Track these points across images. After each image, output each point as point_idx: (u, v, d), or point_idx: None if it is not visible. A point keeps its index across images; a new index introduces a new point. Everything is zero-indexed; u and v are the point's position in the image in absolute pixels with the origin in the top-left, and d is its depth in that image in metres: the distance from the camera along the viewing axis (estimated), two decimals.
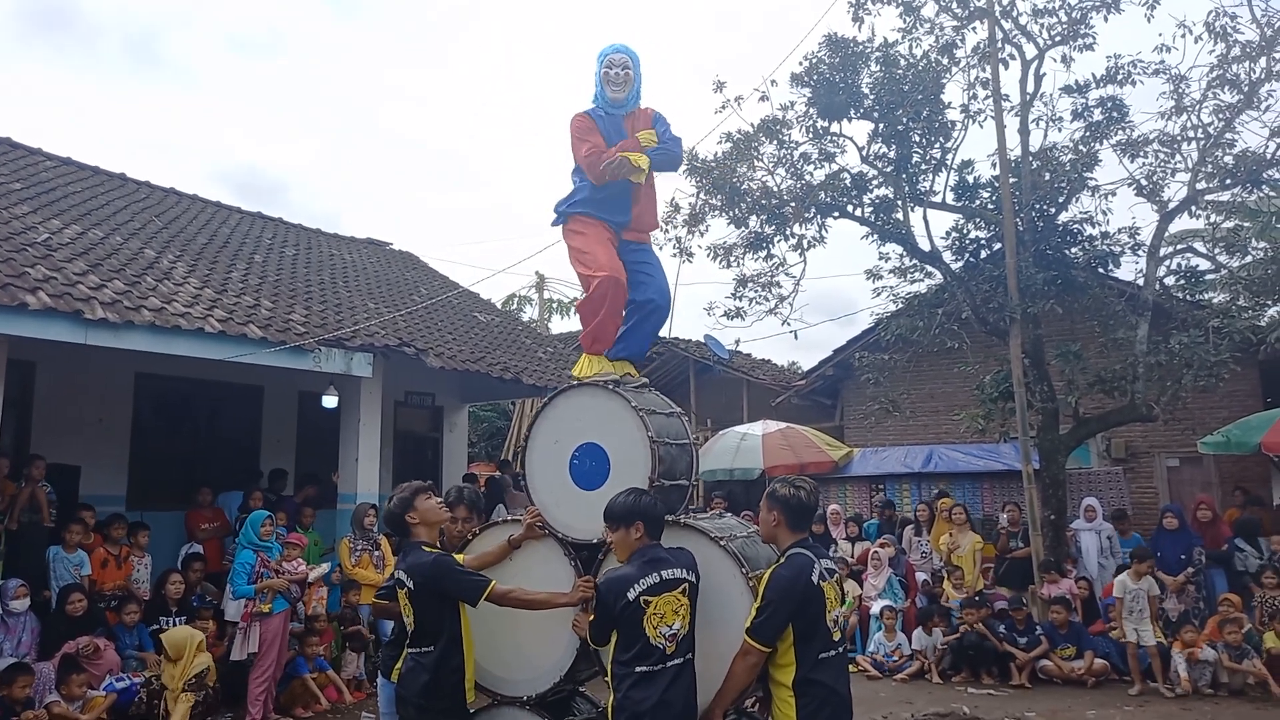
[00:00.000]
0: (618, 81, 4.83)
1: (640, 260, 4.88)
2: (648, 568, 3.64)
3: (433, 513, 4.17)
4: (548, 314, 27.39)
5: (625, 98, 4.86)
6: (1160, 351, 10.11)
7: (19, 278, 6.97)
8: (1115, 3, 10.44)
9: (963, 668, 9.26)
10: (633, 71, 4.87)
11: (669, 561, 3.70)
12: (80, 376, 9.30)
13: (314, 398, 10.16)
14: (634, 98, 4.93)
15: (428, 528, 4.14)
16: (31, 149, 11.84)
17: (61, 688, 6.57)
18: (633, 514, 3.76)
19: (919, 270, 11.97)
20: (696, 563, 3.80)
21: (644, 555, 3.71)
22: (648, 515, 3.78)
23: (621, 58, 4.86)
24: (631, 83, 4.87)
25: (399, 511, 4.14)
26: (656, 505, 3.85)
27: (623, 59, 4.86)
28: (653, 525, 3.80)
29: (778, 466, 13.11)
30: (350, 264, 14.22)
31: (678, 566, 3.70)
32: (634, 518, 3.76)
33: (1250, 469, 12.79)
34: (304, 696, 7.93)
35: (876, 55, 11.01)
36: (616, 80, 4.83)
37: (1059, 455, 10.68)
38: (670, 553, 3.77)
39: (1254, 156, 10.25)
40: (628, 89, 4.86)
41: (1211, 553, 9.87)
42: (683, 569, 3.71)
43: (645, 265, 4.89)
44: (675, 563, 3.71)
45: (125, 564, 8.12)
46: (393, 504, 4.19)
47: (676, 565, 3.70)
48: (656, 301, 4.85)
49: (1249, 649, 8.46)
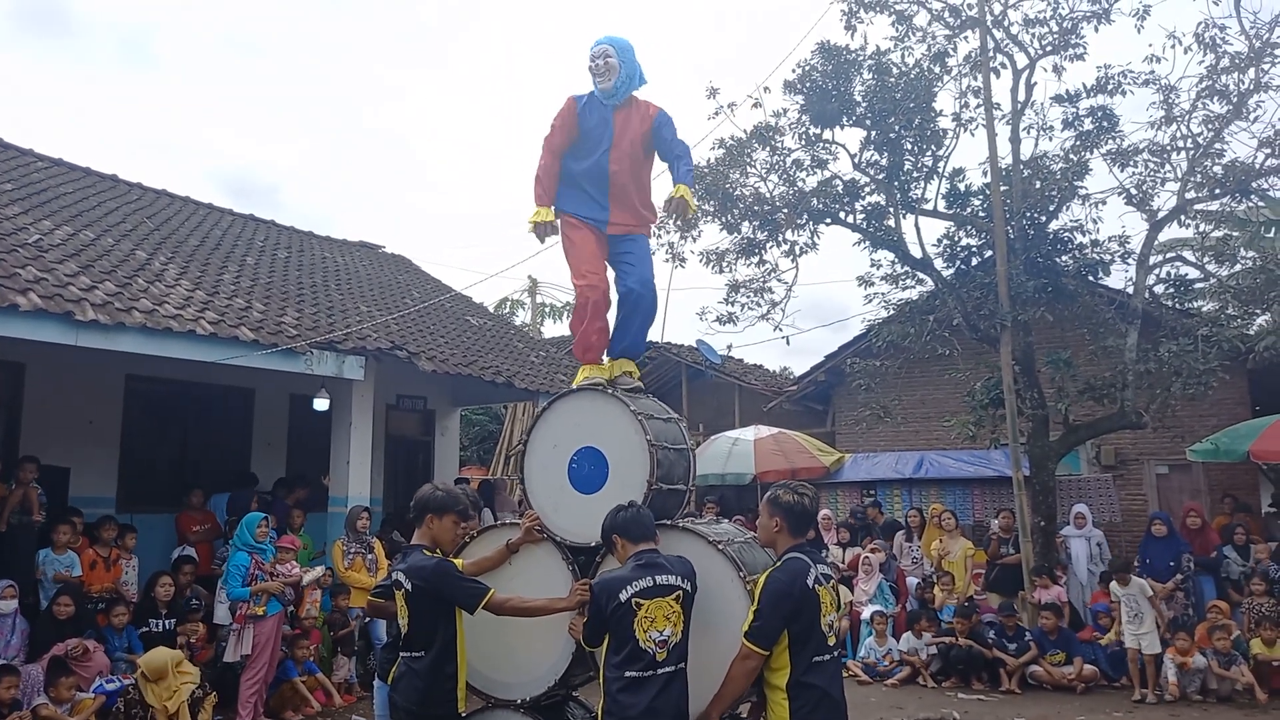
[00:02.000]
0: (599, 72, 4.79)
1: (624, 251, 4.85)
2: (642, 570, 3.66)
3: (447, 534, 4.11)
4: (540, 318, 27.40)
5: (613, 87, 4.79)
6: (1150, 359, 10.18)
7: (10, 279, 6.95)
8: (1106, 13, 10.52)
9: (953, 673, 9.29)
10: (616, 59, 4.77)
11: (665, 568, 3.71)
12: (71, 378, 9.25)
13: (305, 400, 10.14)
14: (624, 87, 4.83)
15: (432, 539, 4.10)
16: (23, 150, 11.80)
17: (50, 690, 6.53)
18: (608, 533, 3.88)
19: (910, 277, 12.03)
20: (695, 573, 3.80)
21: (640, 559, 3.73)
22: (624, 527, 3.83)
23: (602, 48, 4.80)
24: (616, 71, 4.77)
25: (432, 508, 4.08)
26: (625, 513, 3.86)
27: (603, 49, 4.79)
28: (635, 531, 3.82)
29: (769, 472, 13.12)
30: (342, 267, 14.20)
31: (674, 574, 3.71)
32: (610, 535, 3.87)
33: (1239, 477, 12.86)
34: (294, 700, 7.90)
35: (869, 63, 11.07)
36: (598, 71, 4.80)
37: (1049, 462, 10.74)
38: (669, 560, 3.78)
39: (1243, 166, 10.35)
40: (612, 78, 4.78)
41: (1200, 560, 9.93)
42: (679, 577, 3.72)
43: (628, 255, 4.85)
44: (672, 570, 3.72)
45: (115, 566, 8.06)
46: (435, 495, 4.12)
47: (673, 573, 3.71)
48: (637, 291, 4.79)
49: (1238, 655, 8.52)
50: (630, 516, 3.86)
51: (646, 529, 3.86)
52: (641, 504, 3.98)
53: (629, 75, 4.83)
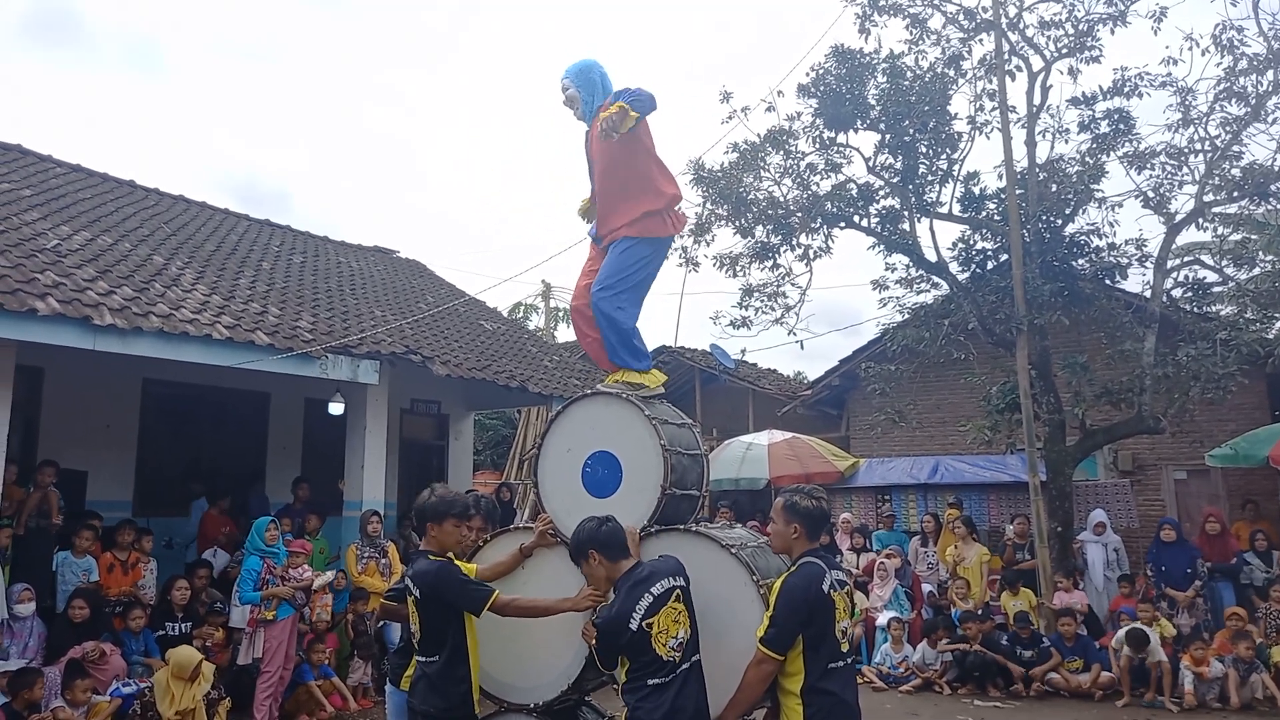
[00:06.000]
0: (569, 106, 4.82)
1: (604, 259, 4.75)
2: (636, 591, 3.62)
3: (450, 537, 4.10)
4: (553, 322, 27.41)
5: (582, 114, 4.79)
6: (1168, 363, 10.10)
7: (28, 283, 7.00)
8: (1122, 16, 10.47)
9: (969, 680, 9.22)
10: (574, 89, 4.75)
11: (654, 576, 3.68)
12: (88, 382, 9.32)
13: (320, 405, 10.18)
14: (588, 110, 4.75)
15: (438, 544, 4.10)
16: (42, 156, 11.91)
17: (66, 693, 6.56)
18: (584, 546, 3.79)
19: (925, 281, 11.98)
20: (682, 566, 3.78)
21: (628, 580, 3.69)
22: (604, 543, 3.77)
23: (563, 84, 4.80)
24: (578, 100, 4.76)
25: (429, 517, 4.08)
26: (606, 528, 3.80)
27: (563, 84, 4.79)
28: (615, 549, 3.77)
29: (783, 476, 13.07)
30: (357, 271, 14.27)
31: (663, 576, 3.68)
32: (586, 548, 3.78)
33: (1258, 482, 12.72)
34: (309, 703, 7.92)
35: (883, 67, 11.05)
36: (568, 105, 4.83)
37: (1066, 467, 10.66)
38: (654, 565, 3.75)
39: (1261, 169, 10.27)
40: (577, 108, 4.79)
41: (1220, 566, 9.83)
42: (669, 576, 3.69)
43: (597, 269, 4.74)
44: (661, 574, 3.69)
45: (133, 570, 8.10)
46: (429, 503, 4.12)
47: (662, 576, 3.68)
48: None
49: (1259, 664, 8.41)
50: (611, 531, 3.79)
51: (624, 548, 3.81)
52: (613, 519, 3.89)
53: (589, 97, 4.76)
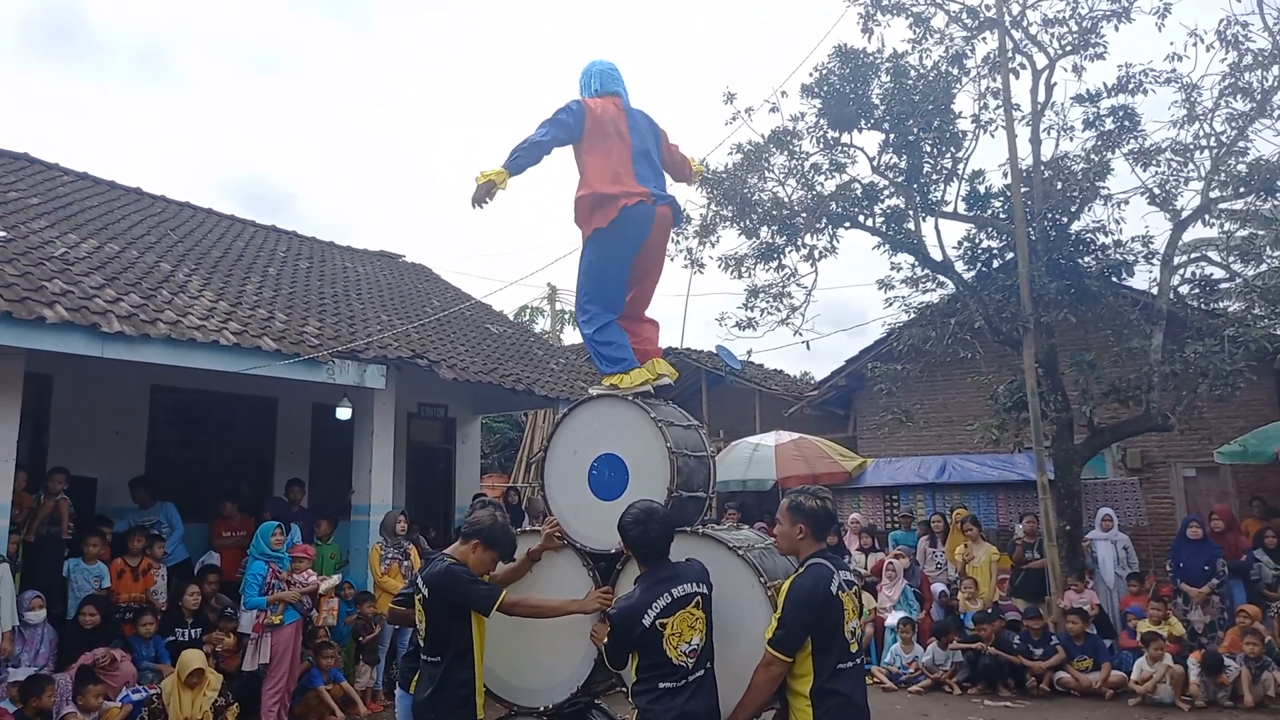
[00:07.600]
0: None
1: None
2: (658, 588, 3.62)
3: (482, 565, 4.08)
4: (560, 326, 27.41)
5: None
6: (1175, 361, 10.06)
7: (36, 291, 7.03)
8: (1126, 12, 10.44)
9: (979, 681, 9.20)
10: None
11: (678, 578, 3.67)
12: (97, 389, 9.36)
13: (327, 409, 10.19)
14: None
15: (465, 558, 4.06)
16: (49, 164, 11.96)
17: (78, 699, 6.59)
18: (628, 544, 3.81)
19: (931, 280, 11.96)
20: (707, 573, 3.78)
21: (653, 576, 3.69)
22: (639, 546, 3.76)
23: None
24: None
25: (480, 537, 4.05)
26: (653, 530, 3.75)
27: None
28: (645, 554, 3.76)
29: (791, 477, 13.06)
30: (363, 276, 14.29)
31: (687, 581, 3.68)
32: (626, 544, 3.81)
33: (1268, 479, 12.67)
34: (319, 708, 7.94)
35: (886, 66, 11.03)
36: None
37: (1074, 465, 10.63)
38: (679, 568, 3.75)
39: (1268, 164, 10.23)
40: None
41: (1230, 563, 9.79)
42: (693, 582, 3.69)
43: None
44: (685, 578, 3.69)
45: (145, 576, 8.12)
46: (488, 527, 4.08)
47: (686, 580, 3.68)
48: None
49: (1270, 661, 8.38)
50: (656, 536, 3.74)
51: (661, 551, 3.76)
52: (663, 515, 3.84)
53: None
